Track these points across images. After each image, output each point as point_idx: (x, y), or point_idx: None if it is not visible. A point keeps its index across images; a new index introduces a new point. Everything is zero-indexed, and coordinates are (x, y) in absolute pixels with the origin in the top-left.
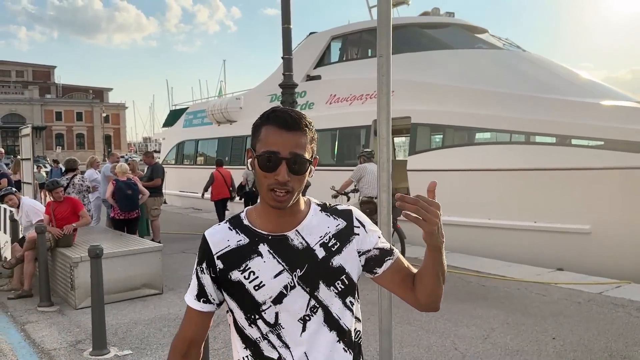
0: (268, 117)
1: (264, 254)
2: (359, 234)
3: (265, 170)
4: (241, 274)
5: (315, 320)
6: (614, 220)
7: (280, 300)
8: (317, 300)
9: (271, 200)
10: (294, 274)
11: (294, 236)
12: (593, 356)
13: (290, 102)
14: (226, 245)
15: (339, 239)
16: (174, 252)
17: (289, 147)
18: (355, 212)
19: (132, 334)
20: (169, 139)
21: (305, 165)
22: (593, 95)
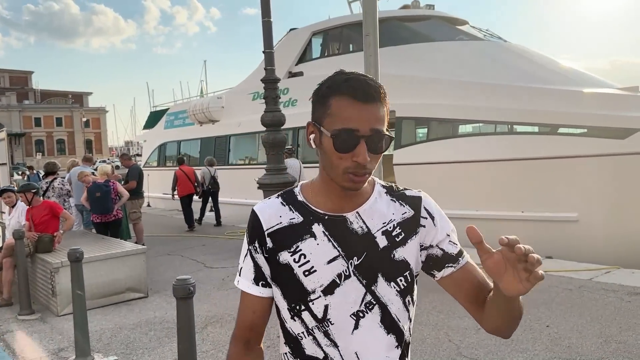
0: (340, 86)
1: (317, 236)
2: (425, 225)
3: (342, 151)
4: (291, 255)
5: (370, 318)
6: (601, 207)
7: (332, 291)
8: (374, 296)
9: (347, 181)
10: (350, 261)
11: (353, 218)
12: (587, 342)
13: (274, 97)
14: (278, 222)
15: (404, 229)
16: (159, 254)
17: (369, 122)
18: (426, 200)
19: (117, 339)
20: (150, 141)
21: (387, 142)
22: (575, 83)
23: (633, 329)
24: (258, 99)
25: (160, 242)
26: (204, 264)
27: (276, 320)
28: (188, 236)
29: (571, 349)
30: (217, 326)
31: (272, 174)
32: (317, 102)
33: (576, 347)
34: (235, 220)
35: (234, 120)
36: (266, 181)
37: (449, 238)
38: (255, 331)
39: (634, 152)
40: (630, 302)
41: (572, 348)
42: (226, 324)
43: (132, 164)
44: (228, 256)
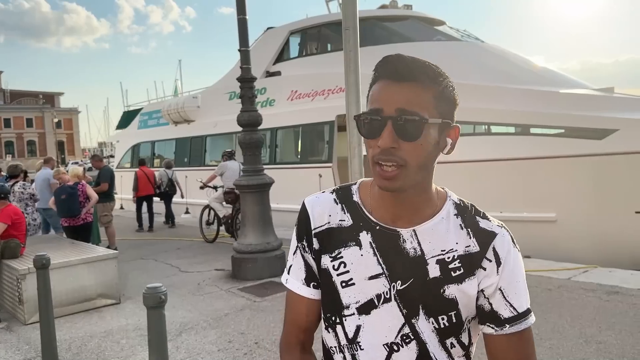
0: (376, 69)
1: (363, 245)
2: (486, 269)
3: (368, 137)
4: (331, 261)
5: (405, 354)
6: (579, 206)
7: (368, 311)
8: (412, 330)
9: (377, 178)
10: (393, 284)
11: (408, 237)
12: (569, 343)
13: (250, 97)
14: (326, 221)
15: (465, 265)
16: (132, 258)
17: (397, 102)
18: (500, 239)
19: (87, 348)
20: (123, 141)
21: (419, 127)
22: (551, 83)
23: (612, 328)
24: (235, 98)
25: (133, 245)
26: (179, 268)
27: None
28: (162, 239)
29: (552, 350)
30: (192, 333)
31: (249, 175)
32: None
33: (557, 348)
34: None
35: (210, 120)
36: (243, 182)
37: (504, 295)
38: (309, 334)
39: (611, 153)
40: (608, 302)
41: (554, 349)
42: (202, 331)
43: (103, 166)
44: (204, 260)
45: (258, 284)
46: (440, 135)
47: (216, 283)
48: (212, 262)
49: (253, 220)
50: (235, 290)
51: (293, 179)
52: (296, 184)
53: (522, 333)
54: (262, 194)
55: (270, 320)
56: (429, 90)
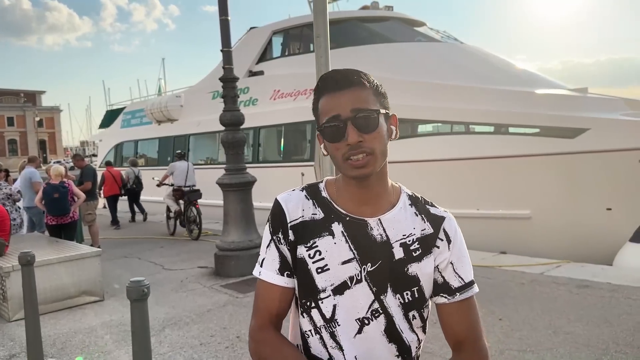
0: (319, 87)
1: (336, 235)
2: (440, 247)
3: (334, 141)
4: (307, 251)
5: (375, 326)
6: (553, 203)
7: (342, 292)
8: (381, 305)
9: (349, 169)
10: (364, 267)
11: (374, 224)
12: (538, 334)
13: (232, 97)
14: (300, 215)
15: (422, 246)
16: (116, 257)
17: (349, 104)
18: (448, 222)
19: (72, 344)
20: (106, 140)
21: (375, 119)
22: (528, 84)
23: (580, 319)
24: (218, 97)
25: (117, 244)
26: (162, 266)
27: None
28: (146, 238)
29: (522, 341)
30: (175, 328)
31: (232, 174)
32: (314, 112)
33: (527, 338)
34: None
35: (194, 120)
36: (225, 181)
37: (453, 267)
38: (279, 320)
39: (582, 151)
40: (578, 295)
41: (523, 340)
42: (184, 326)
43: (85, 165)
44: (187, 258)
45: (240, 280)
46: (387, 124)
47: (199, 280)
48: (195, 260)
49: (236, 218)
50: (218, 287)
51: (275, 177)
52: (279, 183)
53: (469, 300)
54: (244, 193)
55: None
56: (368, 90)
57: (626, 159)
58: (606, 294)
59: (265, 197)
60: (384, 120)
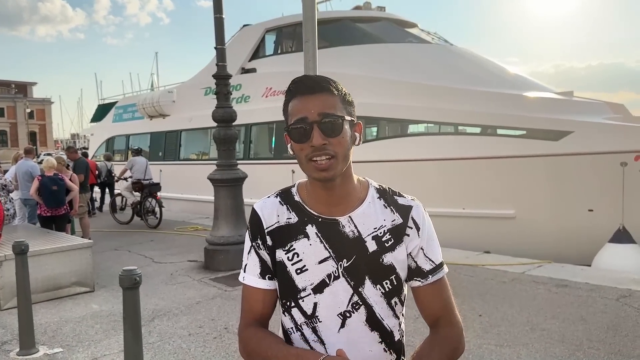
0: (290, 90)
1: (311, 236)
2: (410, 235)
3: (299, 142)
4: (285, 254)
5: (356, 317)
6: (536, 205)
7: (321, 290)
8: (360, 297)
9: (313, 171)
10: (340, 263)
11: (345, 222)
12: (515, 330)
13: (225, 93)
14: (275, 221)
15: (394, 236)
16: (106, 249)
17: (317, 108)
18: (415, 210)
19: (63, 332)
20: (97, 134)
21: (339, 125)
22: (516, 87)
23: (557, 317)
24: (210, 94)
25: (107, 237)
26: (152, 259)
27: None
28: (136, 231)
29: (500, 336)
30: (165, 319)
31: (223, 169)
32: (284, 113)
33: (505, 334)
34: (185, 216)
35: (186, 115)
36: (217, 177)
37: (424, 252)
38: (265, 320)
39: (566, 154)
40: (557, 294)
41: (501, 335)
42: (174, 317)
43: (78, 157)
44: (177, 252)
45: (229, 274)
46: (351, 130)
47: (189, 273)
48: (185, 254)
49: (226, 213)
50: (207, 280)
51: (266, 174)
52: (269, 179)
53: (441, 281)
54: (235, 188)
55: (240, 308)
56: (336, 97)
57: (608, 162)
58: (583, 293)
59: (256, 193)
60: (348, 126)
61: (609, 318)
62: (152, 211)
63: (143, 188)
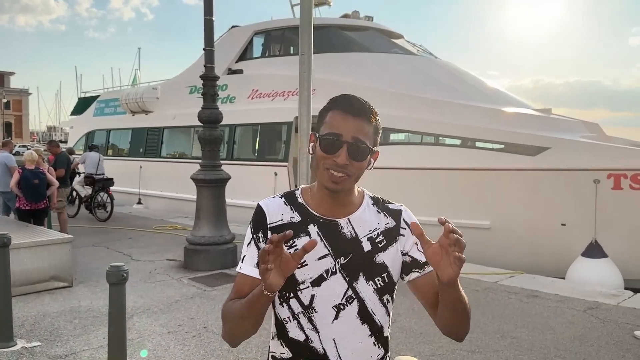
0: (336, 101)
1: (312, 235)
2: (404, 235)
3: (326, 152)
4: (287, 249)
5: (349, 310)
6: (511, 216)
7: (319, 284)
8: (354, 291)
9: (327, 180)
10: (338, 260)
11: (344, 224)
12: (487, 337)
13: (212, 95)
14: (279, 218)
15: (386, 237)
16: (84, 245)
17: (353, 131)
18: (405, 213)
19: (41, 326)
20: (77, 128)
21: (366, 152)
22: (496, 102)
23: (526, 326)
24: (195, 92)
25: (85, 233)
26: (131, 256)
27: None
28: (114, 228)
29: (472, 343)
30: (144, 316)
31: (207, 170)
32: (319, 116)
33: (476, 340)
34: (164, 215)
35: (169, 113)
36: (200, 177)
37: (417, 246)
38: None
39: (542, 169)
40: (527, 304)
41: (473, 342)
42: (152, 315)
43: (59, 152)
44: (156, 250)
45: (209, 274)
46: (370, 157)
47: (168, 272)
48: (164, 253)
49: (208, 213)
50: (186, 279)
51: (249, 175)
52: (252, 181)
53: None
54: (218, 189)
55: (219, 308)
56: (371, 125)
57: (582, 178)
58: (553, 304)
59: (237, 194)
60: (369, 154)
61: (576, 328)
62: (103, 205)
63: (95, 182)
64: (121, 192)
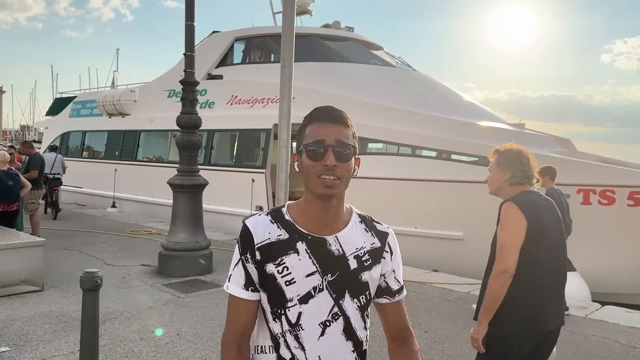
0: (312, 115)
1: (300, 252)
2: (385, 258)
3: (314, 160)
4: (275, 267)
5: (335, 327)
6: (484, 228)
7: (307, 301)
8: (340, 308)
9: (321, 186)
10: (325, 277)
11: (332, 241)
12: (458, 347)
13: (191, 100)
14: (267, 237)
15: (372, 257)
16: (56, 248)
17: (335, 135)
18: (391, 237)
19: (10, 331)
20: (52, 128)
21: (350, 153)
22: (472, 115)
23: None
24: (174, 96)
25: (57, 235)
26: (104, 261)
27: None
28: (87, 232)
29: (443, 352)
30: (116, 322)
31: (184, 175)
32: (298, 134)
33: (448, 350)
34: (139, 219)
35: (146, 116)
36: (177, 182)
37: (394, 274)
38: (247, 334)
39: None
40: None
41: (444, 351)
42: (125, 321)
43: (34, 153)
44: (130, 254)
45: (183, 280)
46: (354, 162)
47: (141, 278)
48: (138, 258)
49: (184, 219)
50: (160, 285)
51: (226, 181)
52: (229, 187)
53: (402, 300)
54: (195, 195)
55: (193, 315)
56: (350, 130)
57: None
58: None
59: (214, 199)
60: (353, 158)
61: None
62: (52, 204)
63: (47, 181)
64: (95, 194)
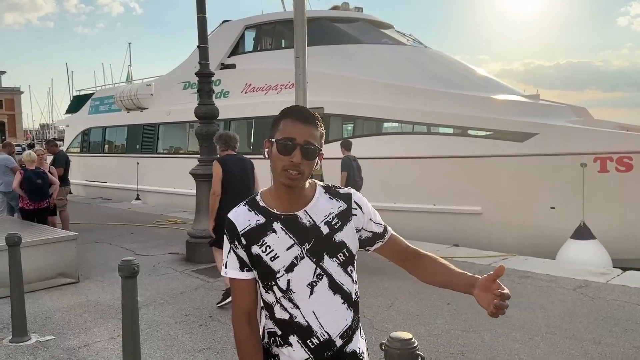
0: (287, 112)
1: (277, 231)
2: (357, 214)
3: (282, 154)
4: (259, 248)
5: (321, 285)
6: (502, 202)
7: (292, 269)
8: (322, 269)
9: (285, 179)
10: (303, 247)
11: (302, 215)
12: (480, 317)
13: (207, 91)
14: (248, 224)
15: (341, 219)
16: (86, 242)
17: (304, 136)
18: (355, 195)
19: (52, 321)
20: (73, 126)
21: (315, 152)
22: (485, 89)
23: (518, 305)
24: (189, 88)
25: (87, 230)
26: (134, 251)
27: None
28: (115, 225)
29: (466, 322)
30: (150, 308)
31: (205, 164)
32: (272, 125)
33: (471, 320)
34: (163, 209)
35: (164, 109)
36: (199, 172)
37: (373, 221)
38: (254, 310)
39: (530, 154)
40: (520, 284)
41: (467, 321)
42: (159, 306)
43: (58, 151)
44: (157, 244)
45: (211, 266)
46: (317, 158)
47: (171, 265)
48: (166, 247)
49: (207, 207)
50: (190, 272)
51: None
52: None
53: (394, 234)
54: None
55: None
56: (318, 131)
57: (569, 163)
58: (544, 283)
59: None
60: (317, 155)
61: (566, 306)
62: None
63: None
64: (120, 188)
